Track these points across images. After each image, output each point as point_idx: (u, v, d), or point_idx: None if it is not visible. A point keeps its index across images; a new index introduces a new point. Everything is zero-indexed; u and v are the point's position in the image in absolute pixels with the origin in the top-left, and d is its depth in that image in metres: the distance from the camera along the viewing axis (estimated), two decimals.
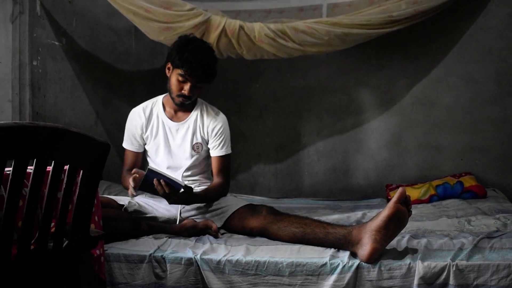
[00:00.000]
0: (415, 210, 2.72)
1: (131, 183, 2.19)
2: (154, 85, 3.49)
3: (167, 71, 2.41)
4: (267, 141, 3.59)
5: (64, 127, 1.37)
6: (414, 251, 1.90)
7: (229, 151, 2.54)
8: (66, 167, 1.42)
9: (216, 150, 2.49)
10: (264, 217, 2.18)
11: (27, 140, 1.27)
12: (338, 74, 3.46)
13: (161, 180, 2.13)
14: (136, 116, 2.49)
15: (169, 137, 2.46)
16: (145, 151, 2.53)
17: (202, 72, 2.31)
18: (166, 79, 2.42)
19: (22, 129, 1.26)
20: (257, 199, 3.29)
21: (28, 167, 1.30)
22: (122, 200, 2.35)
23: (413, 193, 2.94)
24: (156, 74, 3.55)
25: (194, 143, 2.46)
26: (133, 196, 2.32)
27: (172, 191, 2.17)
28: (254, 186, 3.60)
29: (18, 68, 2.48)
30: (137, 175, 2.19)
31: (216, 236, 2.20)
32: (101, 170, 1.50)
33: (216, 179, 2.49)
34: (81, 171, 1.46)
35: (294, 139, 3.55)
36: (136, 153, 2.50)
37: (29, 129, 1.28)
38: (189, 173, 2.50)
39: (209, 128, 2.47)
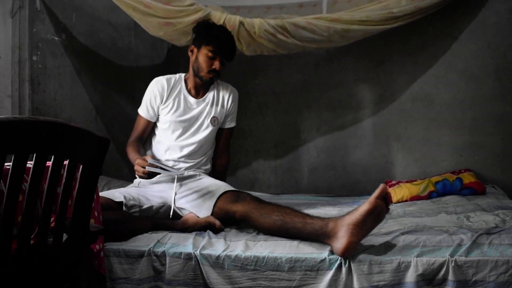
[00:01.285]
0: (414, 206, 2.73)
1: (138, 173, 2.26)
2: None
3: (190, 53, 2.56)
4: (267, 137, 3.59)
5: (64, 122, 1.36)
6: (410, 246, 1.91)
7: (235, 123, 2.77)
8: (66, 162, 1.42)
9: (229, 122, 2.70)
10: (248, 202, 2.19)
11: (27, 134, 1.27)
12: (337, 70, 3.46)
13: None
14: (159, 86, 2.58)
15: (189, 114, 2.57)
16: (155, 125, 2.61)
17: (230, 48, 2.51)
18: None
19: (22, 124, 1.26)
20: (256, 195, 3.29)
21: (28, 162, 1.30)
22: (117, 196, 2.34)
23: (413, 189, 2.95)
24: (156, 69, 3.55)
25: (212, 116, 2.60)
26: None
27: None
28: (254, 182, 3.60)
29: (18, 63, 2.48)
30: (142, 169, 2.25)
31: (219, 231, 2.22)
32: (100, 165, 1.50)
33: (223, 157, 2.72)
34: (81, 166, 1.46)
35: (294, 135, 3.55)
36: (148, 122, 2.60)
37: (29, 123, 1.28)
38: (198, 149, 2.59)
39: (229, 102, 2.66)
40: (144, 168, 2.21)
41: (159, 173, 2.28)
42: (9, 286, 1.36)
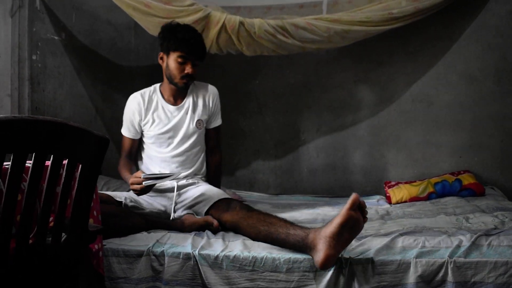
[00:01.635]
0: (413, 207, 2.73)
1: (133, 189, 2.26)
2: (153, 80, 3.47)
3: (160, 61, 2.52)
4: (267, 137, 3.59)
5: (63, 122, 1.36)
6: (410, 247, 1.91)
7: (221, 121, 2.72)
8: (65, 161, 1.42)
9: (215, 121, 2.66)
10: (237, 212, 2.19)
11: (26, 134, 1.27)
12: (337, 71, 3.46)
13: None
14: (135, 103, 2.56)
15: (172, 123, 2.54)
16: (141, 139, 2.60)
17: (199, 48, 2.44)
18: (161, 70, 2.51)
19: (22, 123, 1.26)
20: (256, 196, 3.29)
21: (27, 161, 1.30)
22: (119, 196, 2.36)
23: (412, 190, 2.95)
24: (155, 69, 3.52)
25: (197, 120, 2.57)
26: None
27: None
28: (253, 183, 3.60)
29: (18, 62, 2.47)
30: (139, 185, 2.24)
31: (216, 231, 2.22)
32: (100, 164, 1.50)
33: (214, 155, 2.69)
34: (80, 165, 1.46)
35: (294, 136, 3.55)
36: (133, 140, 2.59)
37: (28, 123, 1.28)
38: (189, 156, 2.57)
39: (211, 101, 2.62)
40: (140, 184, 2.20)
41: (155, 184, 2.24)
42: (8, 285, 1.35)
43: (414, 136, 3.34)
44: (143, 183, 2.19)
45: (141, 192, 2.23)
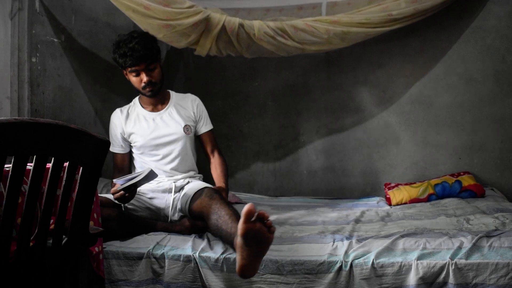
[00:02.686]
0: (414, 208, 2.73)
1: (120, 195, 2.20)
2: None
3: (126, 77, 2.54)
4: (266, 139, 3.59)
5: (64, 124, 1.36)
6: (411, 249, 1.91)
7: (212, 126, 2.72)
8: (66, 164, 1.42)
9: (204, 126, 2.66)
10: (208, 200, 2.19)
11: (27, 136, 1.27)
12: (337, 72, 3.46)
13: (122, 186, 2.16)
14: (115, 117, 2.62)
15: (157, 128, 2.54)
16: (131, 152, 2.61)
17: (141, 54, 2.39)
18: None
19: (22, 126, 1.26)
20: (255, 197, 3.29)
21: (28, 164, 1.29)
22: None
23: (412, 192, 2.95)
24: None
25: (184, 125, 2.57)
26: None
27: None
28: (253, 185, 3.60)
29: (17, 65, 2.47)
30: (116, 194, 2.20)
31: None
32: (100, 167, 1.49)
33: (216, 158, 2.66)
34: (81, 168, 1.45)
35: (293, 138, 3.55)
36: (122, 154, 2.61)
37: (29, 125, 1.28)
38: (181, 161, 2.56)
39: (193, 107, 2.63)
40: (118, 191, 2.15)
41: (134, 184, 2.16)
42: (9, 287, 1.35)
43: (413, 137, 3.34)
44: (118, 188, 2.16)
45: (124, 199, 2.19)
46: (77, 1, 2.84)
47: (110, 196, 2.34)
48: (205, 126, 2.66)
